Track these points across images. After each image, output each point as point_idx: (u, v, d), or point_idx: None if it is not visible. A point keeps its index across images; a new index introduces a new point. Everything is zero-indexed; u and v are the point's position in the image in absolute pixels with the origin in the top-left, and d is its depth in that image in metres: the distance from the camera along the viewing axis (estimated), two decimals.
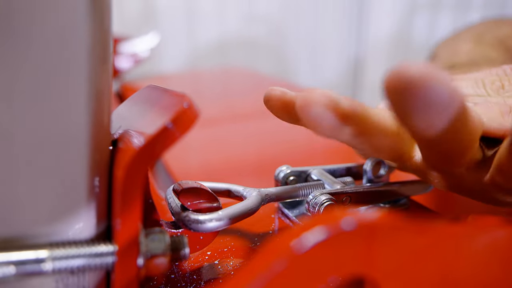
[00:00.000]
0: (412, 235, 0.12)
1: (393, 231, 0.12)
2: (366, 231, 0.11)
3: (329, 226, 0.10)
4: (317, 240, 0.10)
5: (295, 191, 0.23)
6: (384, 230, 0.11)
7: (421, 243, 0.13)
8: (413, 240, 0.12)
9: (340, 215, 0.11)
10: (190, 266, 0.21)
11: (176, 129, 0.14)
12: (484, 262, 0.14)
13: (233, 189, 0.23)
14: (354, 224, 0.11)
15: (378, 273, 0.12)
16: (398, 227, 0.12)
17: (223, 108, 0.64)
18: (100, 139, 0.16)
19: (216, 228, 0.18)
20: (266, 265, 0.10)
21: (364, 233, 0.11)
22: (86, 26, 0.14)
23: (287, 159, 0.38)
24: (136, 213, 0.15)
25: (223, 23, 1.53)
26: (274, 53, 1.27)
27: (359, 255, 0.11)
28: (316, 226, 0.10)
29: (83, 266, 0.14)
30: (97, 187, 0.16)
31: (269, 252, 0.10)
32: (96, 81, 0.15)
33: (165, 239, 0.16)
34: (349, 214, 0.11)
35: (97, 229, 0.16)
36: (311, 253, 0.10)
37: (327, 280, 0.11)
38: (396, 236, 0.12)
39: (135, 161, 0.14)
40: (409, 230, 0.12)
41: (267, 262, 0.10)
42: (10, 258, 0.14)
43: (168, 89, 0.18)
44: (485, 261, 0.14)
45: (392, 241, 0.12)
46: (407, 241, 0.12)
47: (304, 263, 0.10)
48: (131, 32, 1.09)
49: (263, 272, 0.10)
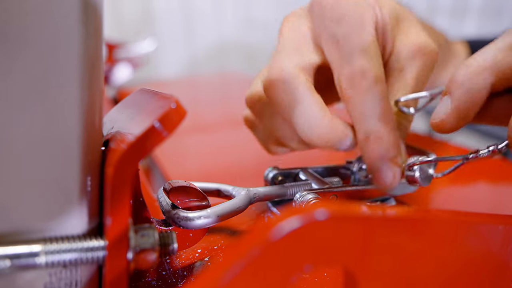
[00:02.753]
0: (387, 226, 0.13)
1: (366, 222, 0.12)
2: (339, 222, 0.12)
3: (302, 216, 0.11)
4: (290, 228, 0.11)
5: (283, 190, 0.24)
6: (357, 222, 0.12)
7: (394, 234, 0.13)
8: (387, 232, 0.13)
9: (315, 206, 0.12)
10: (181, 263, 0.22)
11: (163, 128, 0.15)
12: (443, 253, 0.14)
13: (222, 189, 0.23)
14: (326, 214, 0.11)
15: (353, 263, 0.13)
16: (372, 219, 0.12)
17: (221, 113, 0.65)
18: (92, 141, 0.17)
19: (204, 225, 0.19)
20: (243, 251, 0.11)
21: (336, 224, 0.12)
22: (78, 34, 0.15)
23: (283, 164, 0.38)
24: (125, 209, 0.15)
25: (221, 29, 1.55)
26: None
27: (333, 244, 0.12)
28: (290, 216, 0.11)
29: (75, 260, 0.15)
30: (89, 185, 0.17)
31: (246, 240, 0.11)
32: (88, 86, 0.16)
33: (154, 234, 0.16)
34: (324, 206, 0.12)
35: (89, 225, 0.17)
36: (285, 240, 0.11)
37: (302, 267, 0.12)
38: (370, 227, 0.13)
39: (124, 159, 0.15)
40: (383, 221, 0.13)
41: (244, 249, 0.11)
42: (6, 252, 0.14)
43: (158, 92, 0.19)
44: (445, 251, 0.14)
45: (366, 232, 0.13)
46: (382, 233, 0.13)
47: (278, 250, 0.11)
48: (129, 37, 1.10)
49: (240, 258, 0.11)
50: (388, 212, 0.13)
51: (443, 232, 0.15)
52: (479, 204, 0.32)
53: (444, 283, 0.16)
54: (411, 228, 0.14)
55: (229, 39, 1.58)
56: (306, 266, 0.12)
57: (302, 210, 0.11)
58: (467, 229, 0.15)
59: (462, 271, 0.16)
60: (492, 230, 0.17)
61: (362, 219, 0.12)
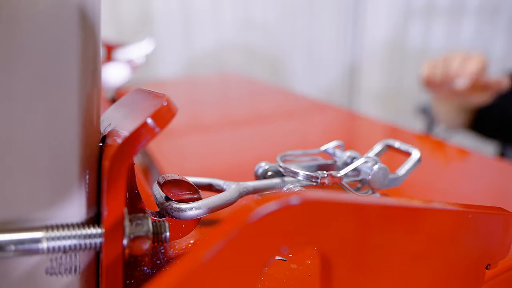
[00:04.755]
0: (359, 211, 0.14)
1: (338, 207, 0.14)
2: (312, 206, 0.13)
3: (278, 200, 0.12)
4: (267, 212, 0.12)
5: (271, 184, 0.25)
6: (330, 206, 0.13)
7: (366, 219, 0.15)
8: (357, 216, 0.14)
9: (291, 193, 0.13)
10: (174, 253, 0.23)
11: (155, 124, 0.16)
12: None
13: (214, 183, 0.25)
14: (300, 199, 0.13)
15: (327, 246, 0.14)
16: (341, 204, 0.14)
17: (219, 113, 0.66)
18: (90, 137, 0.18)
19: (196, 216, 0.20)
20: (223, 232, 0.12)
21: (310, 208, 0.13)
22: (77, 38, 0.16)
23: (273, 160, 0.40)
24: (121, 200, 0.17)
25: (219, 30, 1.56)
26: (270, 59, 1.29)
27: (307, 228, 0.13)
28: (268, 201, 0.13)
29: (75, 246, 0.16)
30: (87, 178, 0.18)
31: (227, 222, 0.12)
32: (87, 86, 0.17)
33: (148, 223, 0.18)
34: (299, 193, 0.13)
35: (87, 215, 0.18)
36: (261, 222, 0.12)
37: (280, 249, 0.13)
38: (341, 212, 0.14)
39: (119, 153, 0.16)
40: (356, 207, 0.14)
41: (224, 230, 0.12)
42: (10, 238, 0.15)
43: (152, 91, 0.20)
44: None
45: (337, 217, 0.14)
46: (351, 217, 0.14)
47: (256, 232, 0.12)
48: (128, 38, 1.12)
49: (220, 239, 0.12)
50: (360, 199, 0.14)
51: (413, 219, 0.16)
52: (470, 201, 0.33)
53: (414, 267, 0.17)
54: (382, 214, 0.15)
55: (228, 39, 1.59)
56: (282, 248, 0.13)
57: (278, 196, 0.13)
58: (435, 216, 0.17)
59: (433, 256, 0.18)
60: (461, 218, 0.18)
61: (335, 204, 0.14)
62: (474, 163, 0.42)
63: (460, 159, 0.44)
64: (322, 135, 0.54)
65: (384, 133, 0.54)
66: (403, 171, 0.28)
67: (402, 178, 0.28)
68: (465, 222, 0.18)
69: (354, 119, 0.61)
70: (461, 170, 0.41)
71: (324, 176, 0.24)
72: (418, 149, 0.30)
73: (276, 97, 0.78)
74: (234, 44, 1.60)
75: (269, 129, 0.55)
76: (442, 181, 0.37)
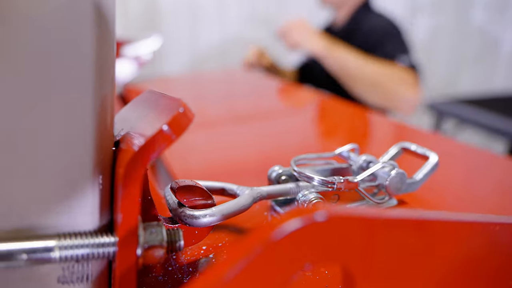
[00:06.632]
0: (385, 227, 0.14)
1: (364, 223, 0.13)
2: (338, 223, 0.12)
3: (303, 217, 0.12)
4: (291, 229, 0.12)
5: (285, 189, 0.24)
6: (355, 222, 0.13)
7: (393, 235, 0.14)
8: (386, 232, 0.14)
9: (315, 208, 0.12)
10: (186, 260, 0.22)
11: (171, 132, 0.16)
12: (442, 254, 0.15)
13: (227, 188, 0.24)
14: (325, 216, 0.12)
15: (351, 263, 0.13)
16: (370, 220, 0.13)
17: (225, 109, 0.66)
18: (104, 141, 0.18)
19: (209, 223, 0.20)
20: (246, 250, 0.11)
21: (335, 225, 0.12)
22: (92, 39, 0.16)
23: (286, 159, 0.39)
24: (135, 207, 0.16)
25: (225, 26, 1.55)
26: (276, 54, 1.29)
27: (332, 244, 0.13)
28: (292, 217, 0.12)
29: (87, 255, 0.16)
30: (100, 184, 0.17)
31: (250, 239, 0.12)
32: (101, 90, 0.17)
33: (162, 231, 0.17)
34: (324, 208, 0.12)
35: (100, 222, 0.17)
36: (286, 240, 0.12)
37: (303, 266, 0.12)
38: (368, 228, 0.13)
39: (134, 161, 0.16)
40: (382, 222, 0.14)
41: (247, 248, 0.11)
42: (22, 247, 0.15)
43: (166, 94, 0.19)
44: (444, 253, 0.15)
45: (364, 233, 0.13)
46: (379, 234, 0.14)
47: (280, 249, 0.12)
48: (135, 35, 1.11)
49: (243, 256, 0.11)
50: (386, 213, 0.14)
51: (440, 233, 0.15)
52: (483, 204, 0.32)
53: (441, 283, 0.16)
54: (409, 229, 0.14)
55: (234, 35, 1.58)
56: (306, 265, 0.12)
57: (303, 212, 0.12)
58: (463, 230, 0.16)
59: (460, 271, 0.17)
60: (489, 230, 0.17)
61: (360, 220, 0.13)
62: (484, 162, 0.42)
63: (471, 158, 0.43)
64: (332, 132, 0.54)
65: (394, 131, 0.54)
66: (420, 175, 0.28)
67: (419, 183, 0.28)
68: (495, 234, 0.17)
69: (363, 116, 0.60)
70: (472, 170, 0.40)
71: (341, 181, 0.24)
72: (435, 153, 0.29)
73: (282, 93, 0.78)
74: (240, 40, 1.59)
75: (275, 126, 0.54)
76: (454, 182, 0.36)
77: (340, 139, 0.51)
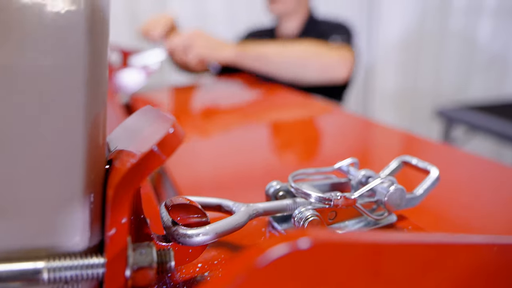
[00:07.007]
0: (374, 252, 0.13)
1: (349, 249, 0.13)
2: (323, 250, 0.12)
3: (286, 244, 0.12)
4: (274, 257, 0.11)
5: (282, 206, 0.24)
6: (339, 248, 0.13)
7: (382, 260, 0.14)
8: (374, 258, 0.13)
9: (299, 234, 0.12)
10: (181, 278, 0.22)
11: (161, 152, 0.16)
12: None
13: (223, 204, 0.24)
14: (310, 243, 0.12)
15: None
16: (354, 245, 0.13)
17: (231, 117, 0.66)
18: (95, 160, 0.18)
19: (203, 242, 0.20)
20: (230, 277, 0.11)
21: (320, 252, 0.12)
22: (84, 60, 0.16)
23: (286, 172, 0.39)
24: (124, 228, 0.16)
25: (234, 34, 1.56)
26: None
27: (317, 271, 0.12)
28: (275, 244, 0.12)
29: (76, 276, 0.16)
30: (91, 203, 0.17)
31: (234, 266, 0.11)
32: (92, 110, 0.17)
33: (152, 252, 0.17)
34: (307, 234, 0.12)
35: (91, 242, 0.17)
36: (269, 268, 0.11)
37: None
38: (356, 255, 0.13)
39: (123, 181, 0.16)
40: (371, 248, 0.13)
41: (231, 275, 0.11)
42: (12, 268, 0.15)
43: (160, 111, 0.19)
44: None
45: (351, 259, 0.13)
46: (368, 261, 0.13)
47: (263, 277, 0.11)
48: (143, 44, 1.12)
49: (227, 284, 0.11)
50: (375, 238, 0.13)
51: (432, 258, 0.15)
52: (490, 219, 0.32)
53: None
54: (399, 253, 0.14)
55: None
56: None
57: (286, 238, 0.12)
58: (456, 253, 0.15)
59: None
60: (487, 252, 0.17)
61: (347, 246, 0.13)
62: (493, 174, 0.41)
63: (478, 170, 0.42)
64: (334, 142, 0.53)
65: (399, 142, 0.53)
66: (420, 190, 0.27)
67: (419, 198, 0.27)
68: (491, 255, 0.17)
69: (368, 126, 0.59)
70: (480, 182, 0.39)
71: (338, 198, 0.23)
72: (436, 167, 0.28)
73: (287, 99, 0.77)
74: None
75: (279, 133, 0.54)
76: (459, 196, 0.36)
77: (344, 149, 0.50)
